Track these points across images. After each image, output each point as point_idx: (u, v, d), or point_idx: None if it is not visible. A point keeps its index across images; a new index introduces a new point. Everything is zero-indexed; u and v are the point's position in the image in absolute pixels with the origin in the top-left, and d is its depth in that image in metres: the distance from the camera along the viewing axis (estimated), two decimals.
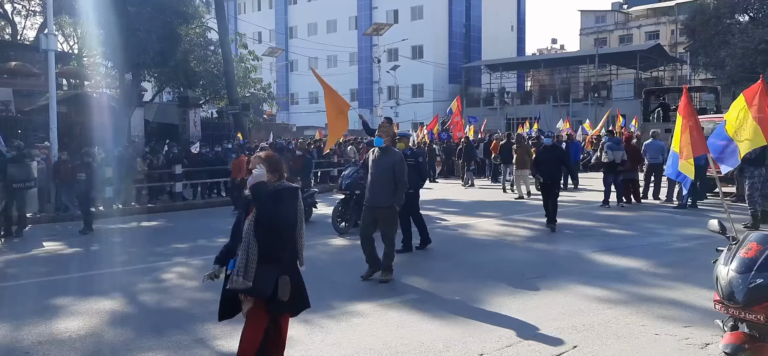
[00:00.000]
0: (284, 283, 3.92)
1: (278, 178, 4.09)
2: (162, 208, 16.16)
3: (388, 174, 7.53)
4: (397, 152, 7.91)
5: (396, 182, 7.55)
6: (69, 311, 6.69)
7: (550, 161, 11.31)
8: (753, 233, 4.51)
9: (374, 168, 7.66)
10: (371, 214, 7.65)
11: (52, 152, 15.74)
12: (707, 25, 41.95)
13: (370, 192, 7.67)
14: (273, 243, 3.93)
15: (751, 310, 4.01)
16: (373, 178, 7.65)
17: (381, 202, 7.56)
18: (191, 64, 29.09)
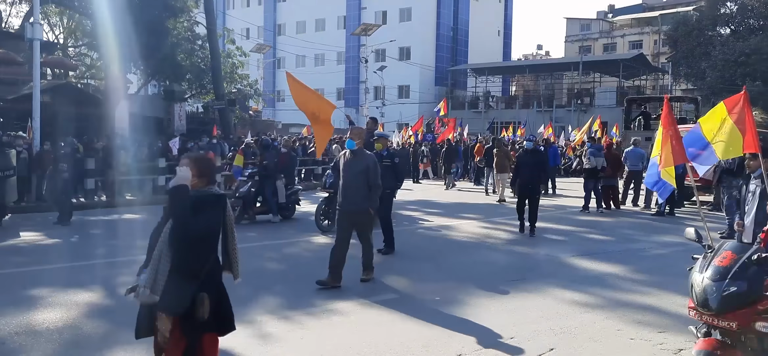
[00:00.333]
0: (201, 301, 3.49)
1: (206, 183, 3.72)
2: (144, 201, 16.03)
3: (362, 177, 7.34)
4: (369, 154, 7.73)
5: (369, 185, 7.36)
6: (47, 302, 6.65)
7: (530, 166, 11.09)
8: (728, 242, 4.62)
9: (347, 171, 7.45)
10: (347, 218, 7.43)
11: (35, 142, 15.58)
12: (689, 36, 42.60)
13: (343, 196, 7.44)
14: (187, 256, 3.50)
15: (724, 317, 4.10)
16: (345, 182, 7.44)
17: (355, 206, 7.36)
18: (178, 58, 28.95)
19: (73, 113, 19.22)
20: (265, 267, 8.63)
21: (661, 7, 64.25)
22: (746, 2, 41.91)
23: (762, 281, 4.10)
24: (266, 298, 6.91)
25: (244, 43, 40.20)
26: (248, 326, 5.93)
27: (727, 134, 5.81)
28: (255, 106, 42.14)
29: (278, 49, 60.75)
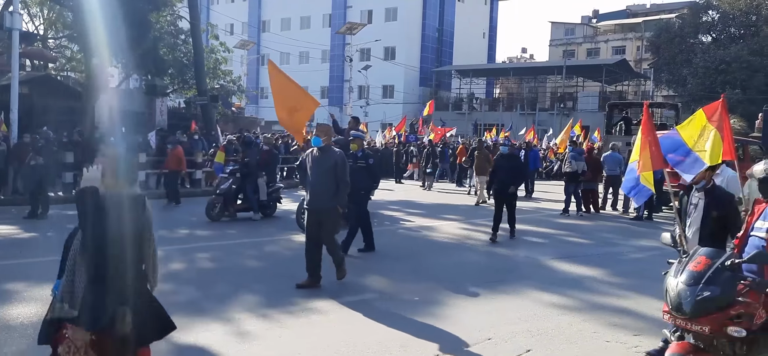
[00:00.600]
0: (122, 315, 3.27)
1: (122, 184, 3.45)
2: None
3: (330, 175, 7.20)
4: (337, 151, 7.55)
5: (337, 182, 7.22)
6: (21, 297, 6.56)
7: (507, 170, 10.85)
8: (703, 247, 4.69)
9: (314, 169, 7.29)
10: (315, 217, 7.25)
11: (12, 134, 15.36)
12: (672, 43, 43.20)
13: (311, 194, 7.27)
14: (102, 265, 3.24)
15: (697, 321, 4.16)
16: (313, 179, 7.26)
17: (323, 204, 7.21)
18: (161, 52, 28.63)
19: (52, 106, 18.99)
20: (245, 264, 8.60)
21: (644, 14, 65.09)
22: (728, 11, 42.56)
23: (735, 286, 4.16)
24: (245, 296, 6.88)
25: (228, 38, 39.88)
26: (226, 323, 5.91)
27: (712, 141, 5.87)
28: (238, 102, 41.87)
29: (262, 46, 60.44)
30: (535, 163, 20.74)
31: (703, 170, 5.18)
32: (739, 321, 4.05)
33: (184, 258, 8.77)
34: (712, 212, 5.01)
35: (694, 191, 5.24)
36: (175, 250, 9.37)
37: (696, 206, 5.14)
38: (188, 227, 11.66)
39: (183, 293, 6.96)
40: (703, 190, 5.16)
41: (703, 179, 5.16)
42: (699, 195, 5.17)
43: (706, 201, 5.09)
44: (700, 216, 5.07)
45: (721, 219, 4.99)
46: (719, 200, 5.09)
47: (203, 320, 5.99)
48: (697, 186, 5.20)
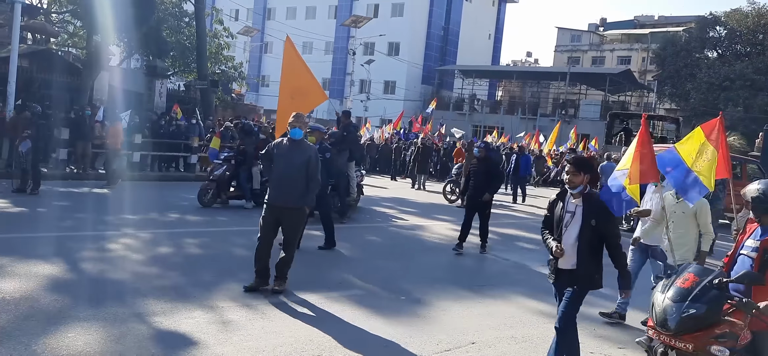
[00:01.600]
0: None
1: None
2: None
3: (301, 171, 6.61)
4: (311, 146, 7.10)
5: (308, 179, 6.67)
6: (5, 271, 6.48)
7: (480, 174, 9.83)
8: (691, 265, 4.64)
9: (284, 162, 6.66)
10: (275, 214, 6.62)
11: (8, 107, 15.26)
12: (677, 56, 43.15)
13: (276, 190, 6.63)
14: None
15: (681, 338, 4.12)
16: (282, 174, 6.63)
17: (290, 202, 6.58)
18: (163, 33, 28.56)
19: (51, 81, 18.88)
20: (233, 252, 8.53)
21: (651, 26, 64.98)
22: (735, 28, 42.52)
23: (721, 305, 4.12)
24: (230, 284, 6.82)
25: (232, 24, 39.79)
26: (209, 311, 5.86)
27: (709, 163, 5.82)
28: (238, 89, 41.76)
29: (266, 33, 60.28)
30: (527, 168, 20.34)
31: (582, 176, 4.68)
32: (724, 340, 4.02)
33: (172, 243, 8.71)
34: (591, 220, 4.62)
35: (570, 198, 4.75)
36: (163, 234, 9.32)
37: (573, 215, 4.68)
38: (179, 212, 11.59)
39: (168, 278, 6.91)
40: (579, 196, 4.70)
41: (581, 184, 4.68)
42: (576, 202, 4.71)
43: (583, 208, 4.66)
44: (579, 225, 4.65)
45: (599, 228, 4.64)
46: (598, 207, 4.70)
47: (187, 306, 5.93)
48: (573, 191, 4.70)
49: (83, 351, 4.67)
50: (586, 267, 4.66)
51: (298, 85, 9.56)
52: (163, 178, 16.85)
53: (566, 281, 4.75)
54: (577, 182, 4.70)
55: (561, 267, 4.76)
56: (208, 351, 4.92)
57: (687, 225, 6.30)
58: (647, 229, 6.58)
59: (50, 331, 4.98)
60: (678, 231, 6.23)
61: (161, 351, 4.85)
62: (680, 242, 6.16)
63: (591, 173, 4.79)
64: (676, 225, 6.25)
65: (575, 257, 4.66)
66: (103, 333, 5.08)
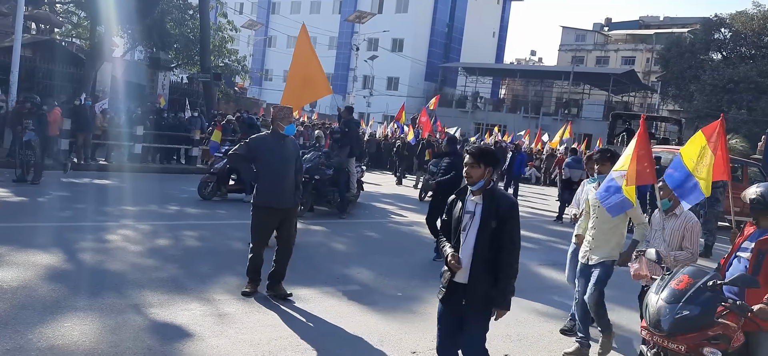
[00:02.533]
0: None
1: None
2: (117, 167, 15.83)
3: (292, 167, 6.34)
4: (294, 140, 6.77)
5: (296, 174, 6.41)
6: (4, 260, 6.51)
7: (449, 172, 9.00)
8: (687, 266, 4.64)
9: (278, 161, 6.25)
10: (277, 217, 6.25)
11: (11, 96, 15.29)
12: (681, 58, 43.04)
13: (273, 190, 6.19)
14: None
15: (675, 339, 4.12)
16: (277, 173, 6.22)
17: (288, 201, 6.29)
18: (167, 26, 28.60)
19: (54, 71, 18.91)
20: (231, 245, 8.55)
21: (657, 26, 64.83)
22: (740, 30, 42.39)
23: (715, 307, 4.12)
24: (227, 277, 6.84)
25: (236, 17, 39.77)
26: (205, 304, 5.88)
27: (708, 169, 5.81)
28: (241, 82, 41.78)
29: (270, 27, 60.26)
30: (521, 167, 19.97)
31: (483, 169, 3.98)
32: (717, 342, 4.02)
33: (171, 235, 8.73)
34: (491, 221, 3.88)
35: (470, 195, 4.02)
36: (162, 226, 9.35)
37: (472, 215, 3.94)
38: (179, 204, 11.61)
39: (166, 270, 6.93)
40: (480, 192, 3.97)
41: (482, 178, 3.96)
42: (475, 200, 3.97)
43: (483, 207, 3.92)
44: (477, 226, 3.91)
45: (499, 230, 3.90)
46: (500, 206, 3.92)
47: (183, 298, 5.96)
48: (473, 187, 3.98)
49: (79, 340, 4.70)
50: (478, 280, 3.89)
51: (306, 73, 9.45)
52: (165, 170, 16.88)
53: (460, 298, 3.97)
54: (476, 175, 3.95)
55: (457, 281, 3.97)
56: (203, 343, 4.94)
57: (612, 221, 5.62)
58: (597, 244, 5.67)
59: (47, 320, 5.01)
60: (603, 227, 5.64)
61: (157, 342, 4.87)
62: (604, 238, 5.62)
63: (494, 165, 4.03)
64: (600, 220, 5.66)
65: (470, 267, 3.92)
66: (99, 323, 5.11)
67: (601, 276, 5.55)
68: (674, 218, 5.23)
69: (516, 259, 3.92)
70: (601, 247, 5.59)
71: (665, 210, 5.30)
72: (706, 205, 12.11)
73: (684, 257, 5.03)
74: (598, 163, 5.65)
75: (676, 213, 5.22)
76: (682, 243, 5.15)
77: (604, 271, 5.55)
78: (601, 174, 5.67)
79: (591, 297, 5.52)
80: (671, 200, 5.27)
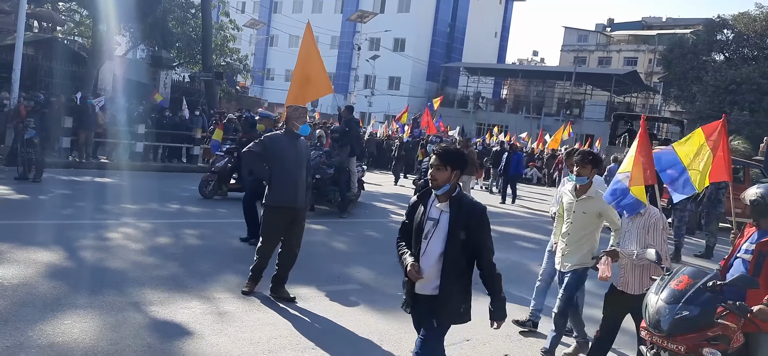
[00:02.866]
0: None
1: None
2: (118, 165, 15.84)
3: (304, 167, 6.34)
4: (306, 140, 6.76)
5: (307, 174, 6.44)
6: (5, 258, 6.52)
7: None
8: (686, 267, 4.63)
9: (292, 160, 6.19)
10: (286, 217, 6.20)
11: (13, 95, 15.30)
12: (684, 59, 43.00)
13: (286, 190, 6.14)
14: None
15: (674, 340, 4.12)
16: (291, 172, 6.17)
17: (300, 201, 6.26)
18: (169, 24, 28.61)
19: (56, 69, 18.93)
20: (231, 244, 8.55)
21: (659, 27, 64.76)
22: (743, 32, 42.32)
23: (714, 308, 4.11)
24: (228, 276, 6.85)
25: (238, 16, 39.80)
26: (205, 302, 5.88)
27: (705, 163, 5.80)
28: (242, 81, 41.80)
29: (272, 27, 60.30)
30: (519, 167, 19.67)
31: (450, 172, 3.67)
32: (716, 343, 4.02)
33: (172, 233, 8.74)
34: (459, 231, 3.58)
35: (435, 201, 3.69)
36: (163, 224, 9.36)
37: (436, 223, 3.63)
38: (179, 203, 11.62)
39: (166, 268, 6.94)
40: (446, 198, 3.65)
41: (448, 182, 3.63)
42: (441, 207, 3.65)
43: (450, 215, 3.61)
44: (443, 237, 3.60)
45: (470, 242, 3.62)
46: (471, 216, 3.62)
47: (184, 297, 5.97)
48: (438, 192, 3.65)
49: (79, 338, 4.70)
50: (450, 294, 3.66)
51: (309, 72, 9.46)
52: (165, 169, 16.89)
53: (425, 311, 3.73)
54: (441, 179, 3.61)
55: (418, 293, 3.74)
56: (203, 342, 4.94)
57: (590, 225, 5.37)
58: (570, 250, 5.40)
59: (47, 317, 5.02)
60: (578, 233, 5.36)
61: (157, 340, 4.88)
62: (579, 244, 5.34)
63: (461, 168, 3.68)
64: (575, 225, 5.37)
65: (437, 280, 3.64)
66: (99, 320, 5.11)
67: (572, 283, 5.38)
68: (639, 216, 4.97)
69: (494, 266, 3.76)
70: (573, 254, 5.36)
71: None
72: (706, 206, 12.12)
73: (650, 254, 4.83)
74: (578, 165, 5.26)
75: (641, 212, 4.96)
76: (646, 241, 4.89)
77: (575, 279, 5.38)
78: (579, 176, 5.31)
79: (560, 301, 5.38)
80: None
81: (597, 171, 5.37)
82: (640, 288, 4.83)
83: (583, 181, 5.30)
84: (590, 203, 5.32)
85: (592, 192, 5.32)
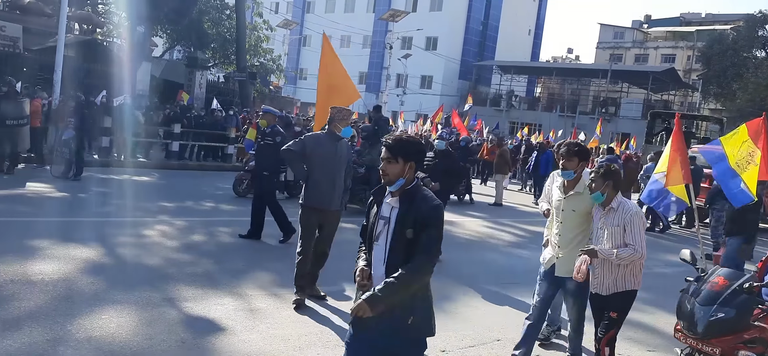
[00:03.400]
0: None
1: None
2: (155, 164, 16.17)
3: (343, 170, 6.27)
4: (347, 143, 6.65)
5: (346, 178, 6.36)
6: (45, 254, 6.73)
7: (437, 174, 8.41)
8: (721, 268, 4.55)
9: (332, 163, 6.13)
10: (318, 218, 6.22)
11: (55, 95, 15.75)
12: (723, 55, 41.89)
13: (322, 189, 6.12)
14: None
15: (709, 342, 4.06)
16: (328, 172, 6.11)
17: (334, 204, 6.23)
18: (205, 26, 29.11)
19: (96, 70, 19.41)
20: (263, 242, 8.65)
21: (698, 23, 63.24)
22: None
23: (751, 310, 4.03)
24: (260, 274, 6.94)
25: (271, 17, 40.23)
26: (237, 298, 5.97)
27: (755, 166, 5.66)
28: (276, 81, 42.22)
29: (305, 27, 60.75)
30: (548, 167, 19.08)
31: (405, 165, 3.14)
32: (753, 346, 3.94)
33: (206, 231, 8.89)
34: (407, 229, 3.06)
35: (388, 197, 3.22)
36: (197, 222, 9.53)
37: (387, 221, 3.14)
38: (214, 201, 11.82)
39: (200, 265, 7.07)
40: (398, 193, 3.16)
41: (401, 176, 3.13)
42: (392, 203, 3.17)
43: (399, 211, 3.12)
44: (391, 234, 3.12)
45: (418, 239, 3.06)
46: (420, 210, 3.08)
47: (217, 293, 6.07)
48: (392, 188, 3.16)
49: (116, 332, 4.83)
50: (400, 308, 3.09)
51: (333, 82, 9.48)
52: (200, 167, 17.17)
53: (374, 324, 3.09)
54: (393, 173, 3.13)
55: None
56: (235, 338, 5.02)
57: (582, 224, 4.85)
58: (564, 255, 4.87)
59: (85, 312, 5.16)
60: (570, 234, 4.83)
61: (190, 335, 4.98)
62: (572, 247, 4.79)
63: (417, 160, 3.19)
64: (566, 226, 4.85)
65: None
66: (135, 316, 5.24)
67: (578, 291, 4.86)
68: (612, 212, 4.45)
69: (423, 273, 3.05)
70: (569, 259, 4.73)
71: (601, 204, 4.52)
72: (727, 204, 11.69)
73: (627, 254, 4.32)
74: (564, 158, 4.77)
75: (613, 206, 4.45)
76: (624, 238, 4.39)
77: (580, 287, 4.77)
78: (565, 170, 4.80)
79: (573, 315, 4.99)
80: (604, 193, 4.45)
81: (586, 164, 4.89)
82: (614, 288, 4.50)
83: (569, 175, 4.80)
84: (579, 199, 4.80)
85: (581, 187, 4.79)
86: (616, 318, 4.56)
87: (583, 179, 4.82)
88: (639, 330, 6.37)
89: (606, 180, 4.43)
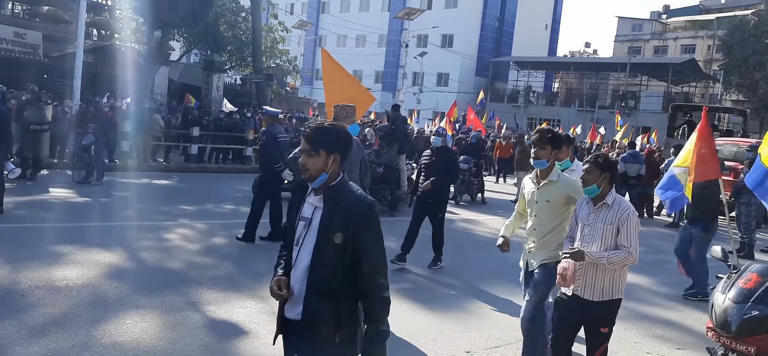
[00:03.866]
0: None
1: None
2: (175, 167, 16.27)
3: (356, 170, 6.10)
4: (359, 142, 6.57)
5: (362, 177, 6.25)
6: (69, 259, 6.77)
7: (434, 171, 7.92)
8: (755, 264, 4.44)
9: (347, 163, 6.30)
10: None
11: (74, 101, 15.91)
12: (745, 43, 41.04)
13: None
14: None
15: (743, 341, 3.96)
16: None
17: None
18: (221, 28, 29.24)
19: (114, 75, 19.59)
20: None
21: (718, 10, 62.15)
22: None
23: None
24: None
25: (287, 18, 40.27)
26: (260, 301, 5.96)
27: None
28: (292, 82, 42.29)
29: (320, 27, 60.87)
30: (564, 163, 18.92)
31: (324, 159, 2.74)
32: None
33: (226, 233, 8.90)
34: (333, 233, 2.67)
35: (310, 196, 2.82)
36: (218, 224, 9.56)
37: (308, 223, 2.75)
38: (234, 203, 11.85)
39: (222, 268, 7.08)
40: (321, 191, 2.76)
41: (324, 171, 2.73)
42: (314, 202, 2.78)
43: (323, 211, 2.72)
44: (314, 239, 2.72)
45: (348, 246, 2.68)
46: (349, 211, 2.69)
47: (239, 296, 6.06)
48: (313, 185, 2.76)
49: (140, 337, 4.83)
50: (315, 319, 2.70)
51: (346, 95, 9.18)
52: (220, 170, 17.25)
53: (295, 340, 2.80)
54: (315, 167, 2.71)
55: (288, 316, 2.78)
56: (258, 341, 5.01)
57: (557, 216, 4.54)
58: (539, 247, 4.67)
59: (110, 317, 5.18)
60: (544, 228, 4.55)
61: (214, 339, 4.97)
62: (546, 239, 4.54)
63: (343, 152, 2.78)
64: (540, 219, 4.56)
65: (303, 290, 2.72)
66: (159, 320, 5.25)
67: (541, 280, 4.55)
68: (605, 208, 3.97)
69: (384, 287, 2.75)
70: (542, 249, 4.56)
71: (593, 199, 4.04)
72: None
73: (620, 258, 3.86)
74: (536, 146, 4.45)
75: (607, 202, 3.97)
76: (616, 240, 3.93)
77: (546, 275, 4.51)
78: (537, 159, 4.50)
79: (528, 304, 4.59)
80: (600, 187, 3.97)
81: (559, 152, 4.60)
82: (600, 294, 3.97)
83: (542, 164, 4.48)
84: (553, 188, 4.48)
85: (554, 176, 4.50)
86: (608, 334, 4.08)
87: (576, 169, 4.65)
88: (667, 327, 6.27)
89: (603, 172, 3.94)
